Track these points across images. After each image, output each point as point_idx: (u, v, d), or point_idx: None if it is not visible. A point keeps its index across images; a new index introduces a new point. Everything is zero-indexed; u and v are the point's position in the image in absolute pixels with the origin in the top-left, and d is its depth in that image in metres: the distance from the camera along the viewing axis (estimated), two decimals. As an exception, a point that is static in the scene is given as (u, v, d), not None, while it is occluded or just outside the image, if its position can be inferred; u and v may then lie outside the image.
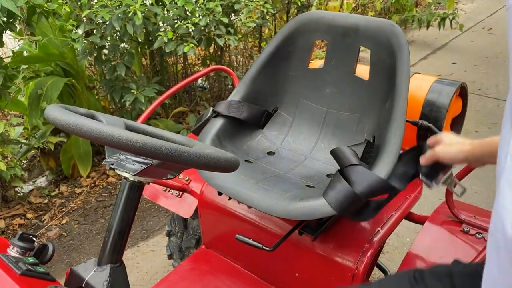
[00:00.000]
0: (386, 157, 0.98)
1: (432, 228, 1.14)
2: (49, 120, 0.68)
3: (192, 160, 0.66)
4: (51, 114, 0.67)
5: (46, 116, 0.69)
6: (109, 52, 2.30)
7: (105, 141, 0.64)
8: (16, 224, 2.22)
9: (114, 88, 2.36)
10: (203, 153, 0.68)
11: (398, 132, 1.01)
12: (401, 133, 1.01)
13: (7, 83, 2.07)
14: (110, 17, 2.10)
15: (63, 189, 2.49)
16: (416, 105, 1.21)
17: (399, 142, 1.00)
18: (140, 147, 0.63)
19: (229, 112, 1.23)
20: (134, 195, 0.80)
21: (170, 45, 2.18)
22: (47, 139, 2.41)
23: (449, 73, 3.65)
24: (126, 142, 0.63)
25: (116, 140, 0.63)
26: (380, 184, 0.90)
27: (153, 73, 2.97)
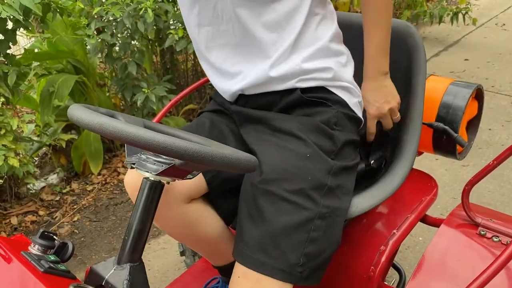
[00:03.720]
0: (402, 160, 0.97)
1: (447, 231, 1.13)
2: (73, 120, 0.69)
3: (215, 160, 0.67)
4: (75, 114, 0.68)
5: (69, 116, 0.70)
6: (119, 50, 2.30)
7: (130, 140, 0.64)
8: (28, 221, 2.24)
9: (125, 86, 2.37)
10: (225, 154, 0.69)
11: (414, 134, 1.01)
12: (418, 136, 1.01)
13: (19, 80, 2.09)
14: (121, 14, 2.10)
15: (74, 186, 2.50)
16: (431, 107, 1.20)
17: (416, 144, 0.99)
18: (165, 147, 0.63)
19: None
20: (154, 195, 0.81)
21: (181, 43, 2.18)
22: (58, 136, 2.43)
23: (462, 70, 3.61)
24: (151, 142, 0.63)
25: (141, 140, 0.64)
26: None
27: (164, 70, 2.97)
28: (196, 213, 1.04)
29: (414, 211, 1.15)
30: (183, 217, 1.03)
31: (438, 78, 1.27)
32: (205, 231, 1.10)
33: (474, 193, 1.09)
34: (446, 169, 2.41)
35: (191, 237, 1.13)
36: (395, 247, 1.06)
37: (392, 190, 0.97)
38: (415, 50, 1.08)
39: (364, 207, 0.94)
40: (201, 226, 1.08)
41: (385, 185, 0.98)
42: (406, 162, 0.98)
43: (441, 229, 1.14)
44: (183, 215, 1.03)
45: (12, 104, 2.17)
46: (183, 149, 0.64)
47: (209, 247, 1.16)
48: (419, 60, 1.07)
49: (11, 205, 2.29)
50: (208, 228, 1.10)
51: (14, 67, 2.03)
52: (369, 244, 1.05)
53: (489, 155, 2.54)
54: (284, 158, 0.92)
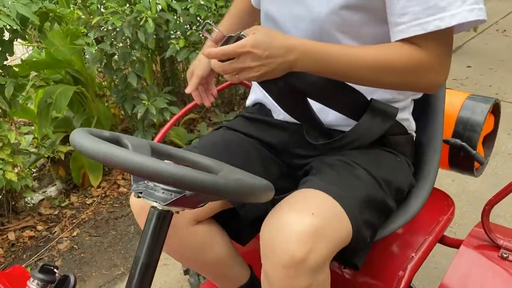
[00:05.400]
0: (423, 181, 0.93)
1: (467, 253, 1.08)
2: (76, 148, 0.65)
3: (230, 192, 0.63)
4: (78, 142, 0.64)
5: (72, 143, 0.66)
6: (119, 60, 2.25)
7: (138, 172, 0.59)
8: (26, 236, 2.17)
9: (125, 98, 2.31)
10: (242, 184, 0.64)
11: (435, 155, 0.96)
12: (438, 157, 0.96)
13: (16, 92, 2.03)
14: (120, 24, 2.05)
15: (73, 200, 2.44)
16: (448, 122, 1.15)
17: (436, 166, 0.95)
18: (177, 179, 0.59)
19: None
20: (162, 225, 0.75)
21: (182, 53, 2.13)
22: (57, 148, 2.37)
23: (465, 77, 3.57)
24: (160, 173, 0.59)
25: (150, 172, 0.59)
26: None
27: (164, 80, 2.92)
28: (203, 235, 0.99)
29: (432, 232, 1.10)
30: (189, 240, 0.98)
31: (453, 91, 1.22)
32: (213, 254, 1.04)
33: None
34: (453, 180, 2.36)
35: (198, 261, 1.08)
36: (414, 271, 1.01)
37: (412, 214, 0.92)
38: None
39: (385, 231, 0.89)
40: (208, 250, 1.03)
41: (405, 209, 0.93)
42: (427, 185, 0.93)
43: (461, 251, 1.09)
44: (190, 238, 0.98)
45: (10, 116, 2.11)
46: (196, 180, 0.59)
47: (217, 271, 1.10)
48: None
49: (8, 220, 2.23)
50: (216, 251, 1.04)
51: (12, 79, 1.97)
52: (387, 269, 1.00)
53: (496, 164, 2.50)
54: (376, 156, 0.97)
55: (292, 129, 1.05)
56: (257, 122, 1.10)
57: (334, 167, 0.91)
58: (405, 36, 0.86)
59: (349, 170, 0.90)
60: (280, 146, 1.07)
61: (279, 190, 1.03)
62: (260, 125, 1.10)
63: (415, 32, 0.84)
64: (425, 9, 0.83)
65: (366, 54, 0.85)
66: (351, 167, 0.91)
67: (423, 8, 0.83)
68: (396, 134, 0.99)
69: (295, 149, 1.05)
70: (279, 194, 1.03)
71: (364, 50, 0.86)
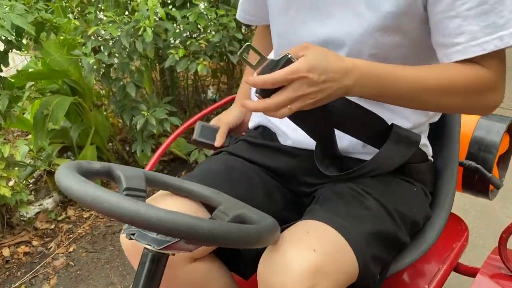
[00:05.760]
0: (438, 212, 0.86)
1: (484, 282, 1.02)
2: (62, 189, 0.59)
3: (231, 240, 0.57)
4: (63, 182, 0.58)
5: (57, 183, 0.60)
6: (117, 70, 2.19)
7: (129, 221, 0.53)
8: (21, 252, 2.11)
9: (124, 108, 2.25)
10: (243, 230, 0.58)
11: (451, 182, 0.89)
12: (454, 183, 0.89)
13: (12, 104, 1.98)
14: (118, 33, 1.99)
15: (70, 213, 2.38)
16: (462, 143, 1.09)
17: (453, 194, 0.88)
18: (171, 229, 0.53)
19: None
20: (157, 268, 0.69)
21: (182, 63, 2.07)
22: (53, 161, 2.31)
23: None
24: (153, 223, 0.53)
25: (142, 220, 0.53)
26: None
27: (164, 89, 2.86)
28: (202, 273, 0.92)
29: (446, 260, 1.03)
30: (187, 279, 0.90)
31: (467, 110, 1.16)
32: None
33: (493, 217, 0.99)
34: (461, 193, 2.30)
35: None
36: (428, 305, 0.95)
37: (427, 246, 0.86)
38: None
39: (397, 266, 0.83)
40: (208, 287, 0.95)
41: (419, 241, 0.87)
42: (442, 214, 0.87)
43: (477, 280, 1.02)
44: (187, 277, 0.90)
45: (4, 129, 2.05)
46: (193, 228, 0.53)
47: None
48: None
49: (3, 235, 2.16)
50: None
51: (7, 91, 1.92)
52: (400, 303, 0.94)
53: (506, 178, 2.43)
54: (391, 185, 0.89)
55: (301, 155, 0.97)
56: (261, 147, 1.03)
57: (343, 196, 0.85)
58: (464, 57, 0.80)
59: (359, 200, 0.83)
60: (286, 173, 1.00)
61: (284, 220, 0.97)
62: (264, 150, 1.03)
63: (474, 53, 0.78)
64: (484, 27, 0.77)
65: (428, 75, 0.79)
66: (361, 196, 0.84)
67: (482, 27, 0.77)
68: (417, 162, 0.92)
69: (303, 177, 0.98)
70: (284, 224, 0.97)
71: (426, 71, 0.80)
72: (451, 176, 0.90)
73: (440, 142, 0.96)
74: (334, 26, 0.85)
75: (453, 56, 0.81)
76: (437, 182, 0.93)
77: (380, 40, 0.83)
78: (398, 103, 0.81)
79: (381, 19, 0.80)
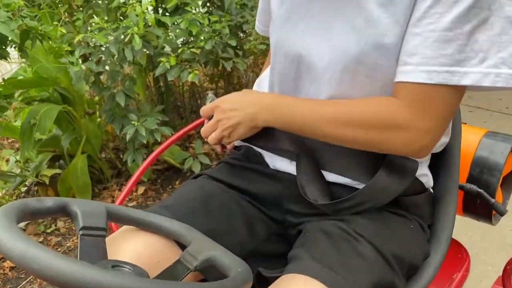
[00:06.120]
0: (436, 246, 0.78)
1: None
2: None
3: None
4: None
5: None
6: (107, 78, 2.12)
7: (57, 283, 0.46)
8: (7, 267, 2.04)
9: (114, 117, 2.18)
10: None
11: (449, 212, 0.81)
12: (453, 214, 0.81)
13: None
14: (106, 41, 1.91)
15: (60, 225, 2.31)
16: (462, 164, 1.00)
17: (451, 226, 0.80)
18: None
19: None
20: None
21: (174, 71, 2.00)
22: (41, 172, 2.24)
23: (473, 90, 3.42)
24: (83, 284, 0.45)
25: (71, 283, 0.45)
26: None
27: (158, 95, 2.79)
28: None
29: (445, 293, 0.95)
30: None
31: (468, 128, 1.07)
32: None
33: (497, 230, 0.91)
34: (464, 205, 2.21)
35: None
36: None
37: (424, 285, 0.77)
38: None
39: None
40: None
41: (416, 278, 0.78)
42: (440, 248, 0.78)
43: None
44: None
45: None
46: None
47: None
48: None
49: (-12, 249, 2.09)
50: None
51: (-9, 100, 1.85)
52: None
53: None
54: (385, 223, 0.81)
55: (286, 180, 0.89)
56: (244, 171, 0.95)
57: (332, 237, 0.76)
58: (407, 80, 0.72)
59: (351, 245, 0.74)
60: (270, 199, 0.91)
61: (266, 254, 0.89)
62: (248, 174, 0.94)
63: (418, 79, 0.70)
64: (439, 55, 0.69)
65: (329, 107, 0.78)
66: (353, 239, 0.75)
67: (437, 54, 0.69)
68: (413, 194, 0.84)
69: (288, 205, 0.90)
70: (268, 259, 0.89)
71: (329, 103, 0.79)
72: (449, 204, 0.81)
73: (437, 166, 0.88)
74: (332, 42, 0.79)
75: (399, 76, 0.73)
76: (434, 211, 0.84)
77: (378, 61, 0.75)
78: (303, 132, 0.81)
79: (380, 36, 0.73)
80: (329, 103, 0.79)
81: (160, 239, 0.75)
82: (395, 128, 0.73)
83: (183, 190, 0.90)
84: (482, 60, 0.68)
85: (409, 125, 0.73)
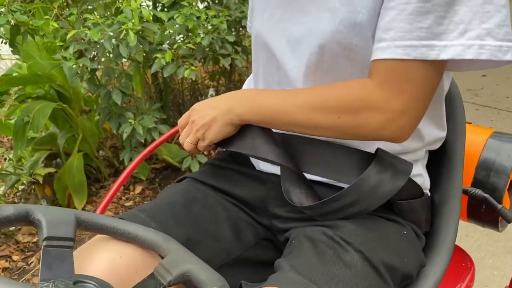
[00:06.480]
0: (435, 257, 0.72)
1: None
2: None
3: None
4: None
5: None
6: (103, 75, 2.07)
7: None
8: (0, 267, 2.00)
9: (111, 116, 2.13)
10: None
11: (452, 219, 0.75)
12: (456, 221, 0.75)
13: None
14: (100, 37, 1.86)
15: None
16: (467, 167, 0.93)
17: (454, 235, 0.74)
18: None
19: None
20: None
21: (169, 67, 1.94)
22: (34, 171, 2.19)
23: (480, 87, 3.35)
24: None
25: None
26: None
27: (157, 93, 2.74)
28: None
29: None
30: None
31: (473, 128, 1.01)
32: None
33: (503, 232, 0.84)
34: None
35: None
36: None
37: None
38: (451, 99, 0.83)
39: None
40: None
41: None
42: (441, 260, 0.72)
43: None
44: None
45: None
46: None
47: None
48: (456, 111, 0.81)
49: (-19, 249, 2.06)
50: None
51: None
52: None
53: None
54: (376, 229, 0.75)
55: (272, 182, 0.84)
56: (230, 173, 0.89)
57: (317, 244, 0.70)
58: (382, 57, 0.67)
59: (337, 253, 0.68)
60: (256, 203, 0.85)
61: (254, 260, 0.83)
62: (233, 176, 0.89)
63: (394, 54, 0.65)
64: (415, 28, 0.63)
65: (301, 92, 0.75)
66: (339, 247, 0.69)
67: (413, 28, 0.63)
68: (409, 197, 0.77)
69: (274, 208, 0.84)
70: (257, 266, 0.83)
71: (305, 90, 0.76)
72: (452, 212, 0.75)
73: (438, 169, 0.82)
74: (308, 24, 0.75)
75: (375, 53, 0.68)
76: (434, 220, 0.78)
77: (354, 41, 0.70)
78: (277, 125, 0.76)
79: (353, 14, 0.69)
80: (303, 90, 0.76)
81: (137, 249, 0.69)
82: (367, 110, 0.68)
83: (165, 194, 0.85)
84: (463, 32, 0.62)
85: (382, 105, 0.67)
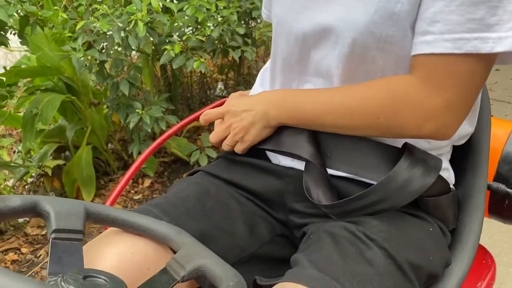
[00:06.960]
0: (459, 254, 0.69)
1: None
2: None
3: None
4: None
5: None
6: (111, 67, 2.05)
7: None
8: (9, 260, 1.99)
9: (119, 106, 2.11)
10: None
11: (476, 215, 0.71)
12: (481, 217, 0.71)
13: (0, 103, 1.86)
14: (109, 28, 1.84)
15: (63, 218, 2.25)
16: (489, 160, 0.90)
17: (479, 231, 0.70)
18: None
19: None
20: None
21: (178, 60, 1.91)
22: (43, 163, 2.18)
23: (493, 82, 3.29)
24: None
25: None
26: None
27: (166, 85, 2.71)
28: None
29: (468, 305, 0.86)
30: None
31: (496, 121, 0.97)
32: None
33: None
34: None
35: None
36: None
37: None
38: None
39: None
40: None
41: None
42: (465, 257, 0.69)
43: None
44: None
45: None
46: None
47: None
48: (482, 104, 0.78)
49: (-9, 242, 2.05)
50: None
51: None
52: None
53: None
54: (401, 226, 0.71)
55: (290, 176, 0.80)
56: (244, 166, 0.86)
57: (338, 241, 0.66)
58: (430, 51, 0.63)
59: (359, 249, 0.65)
60: (272, 197, 0.82)
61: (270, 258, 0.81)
62: (248, 169, 0.85)
63: (443, 49, 0.62)
64: (467, 20, 0.60)
65: (339, 94, 0.71)
66: (362, 243, 0.66)
67: (465, 19, 0.60)
68: (437, 194, 0.73)
69: (292, 203, 0.81)
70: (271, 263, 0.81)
71: (339, 90, 0.72)
72: (477, 208, 0.71)
73: (463, 164, 0.78)
74: (338, 13, 0.70)
75: (419, 47, 0.65)
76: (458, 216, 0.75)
77: (390, 33, 0.66)
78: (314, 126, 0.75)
79: (391, 3, 0.65)
80: (337, 91, 0.73)
81: (149, 243, 0.67)
82: (409, 108, 0.66)
83: (177, 188, 0.82)
84: None
85: (424, 102, 0.65)
